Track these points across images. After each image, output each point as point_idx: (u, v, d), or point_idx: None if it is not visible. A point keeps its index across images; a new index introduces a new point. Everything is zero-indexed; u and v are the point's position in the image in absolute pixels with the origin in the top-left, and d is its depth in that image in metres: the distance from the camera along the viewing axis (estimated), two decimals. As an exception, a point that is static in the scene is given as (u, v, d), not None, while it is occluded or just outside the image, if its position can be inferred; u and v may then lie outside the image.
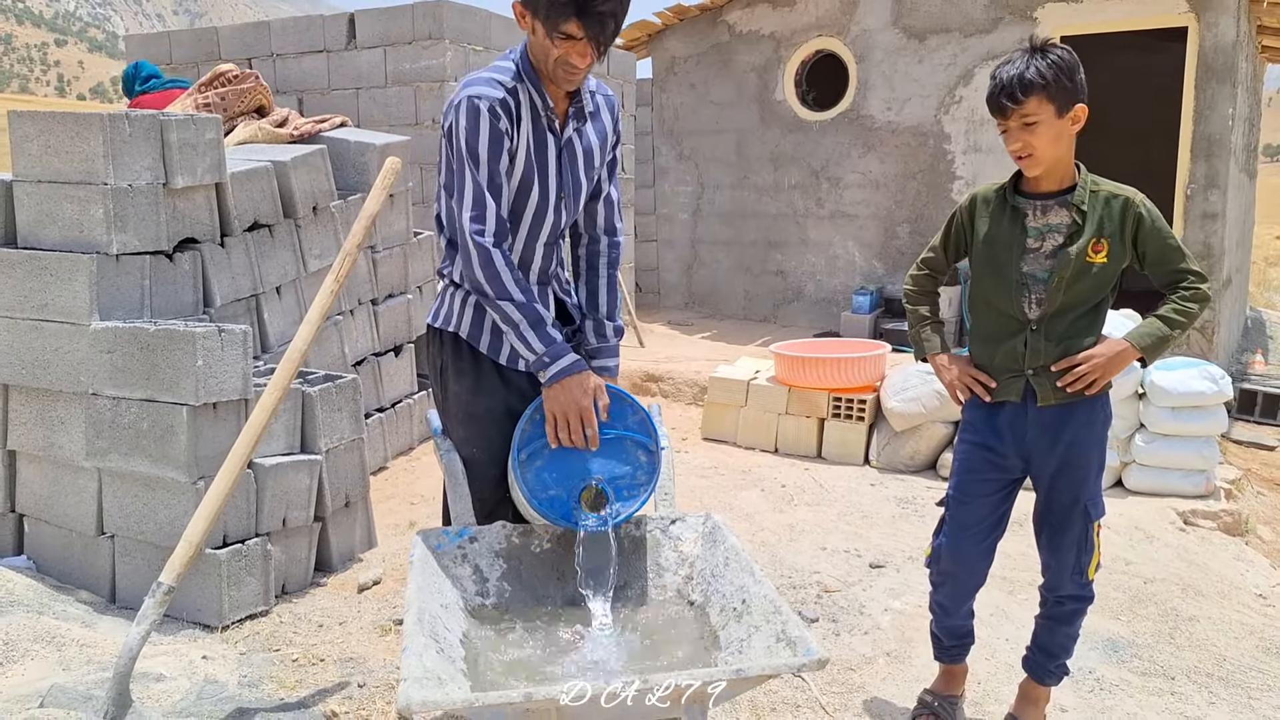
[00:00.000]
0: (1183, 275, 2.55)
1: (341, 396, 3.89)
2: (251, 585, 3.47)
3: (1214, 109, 7.72)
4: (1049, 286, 2.55)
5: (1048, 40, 2.52)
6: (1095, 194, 2.55)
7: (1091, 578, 2.70)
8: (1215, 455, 4.92)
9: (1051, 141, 2.47)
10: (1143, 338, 2.55)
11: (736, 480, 5.06)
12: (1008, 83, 2.45)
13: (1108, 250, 2.52)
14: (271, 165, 4.22)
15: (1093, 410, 2.62)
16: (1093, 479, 2.65)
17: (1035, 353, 2.60)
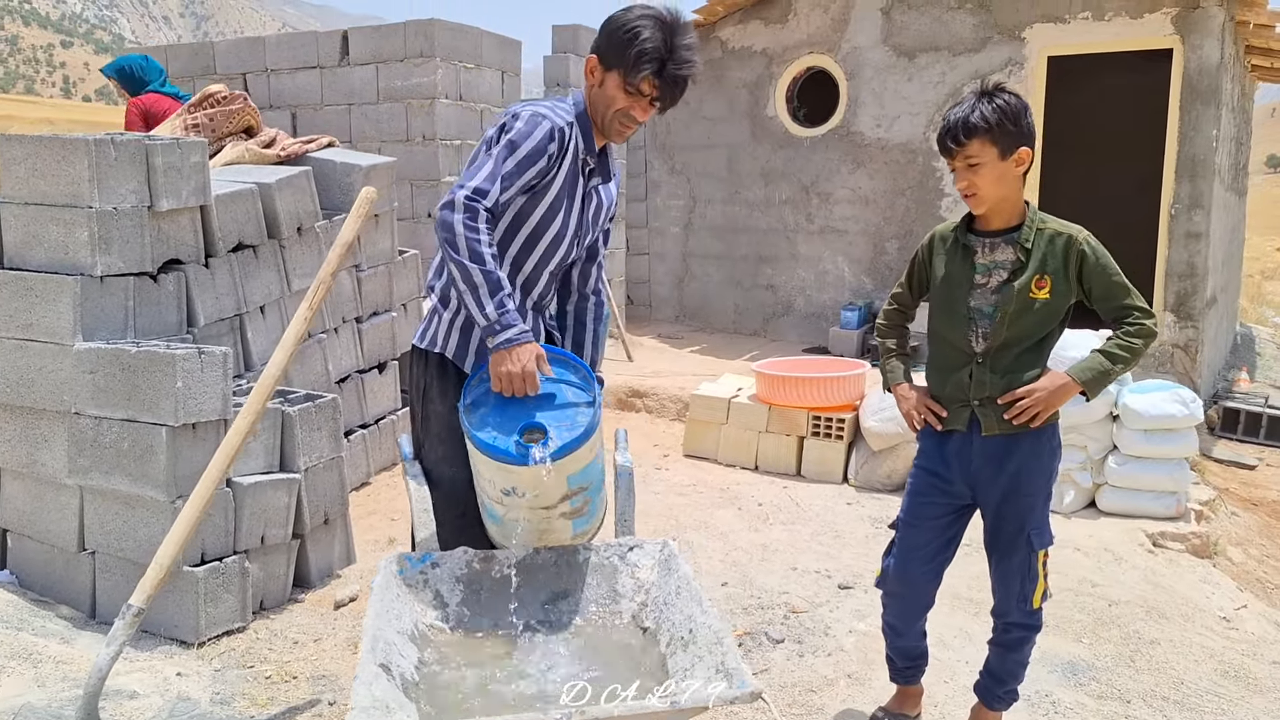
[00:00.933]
0: (1128, 311, 2.61)
1: (321, 416, 3.96)
2: (228, 602, 3.55)
3: (1198, 130, 7.80)
4: (994, 321, 2.64)
5: (998, 85, 2.61)
6: (1041, 232, 2.63)
7: (1037, 606, 2.77)
8: (1186, 477, 4.99)
9: (994, 182, 2.57)
10: (1084, 371, 2.62)
11: (714, 498, 5.14)
12: (953, 125, 2.56)
13: (1050, 286, 2.60)
14: (256, 187, 4.30)
15: (1038, 441, 2.70)
16: (1038, 509, 2.73)
17: (980, 384, 2.68)
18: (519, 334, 2.43)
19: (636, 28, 2.48)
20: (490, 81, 7.37)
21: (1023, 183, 2.65)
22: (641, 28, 2.48)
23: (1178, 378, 7.83)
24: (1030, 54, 8.40)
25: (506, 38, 7.50)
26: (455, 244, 2.40)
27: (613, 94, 2.53)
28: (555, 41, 8.54)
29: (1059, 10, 8.25)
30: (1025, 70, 8.43)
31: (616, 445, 3.00)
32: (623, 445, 3.00)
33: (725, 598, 3.92)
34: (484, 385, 2.53)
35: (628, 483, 2.83)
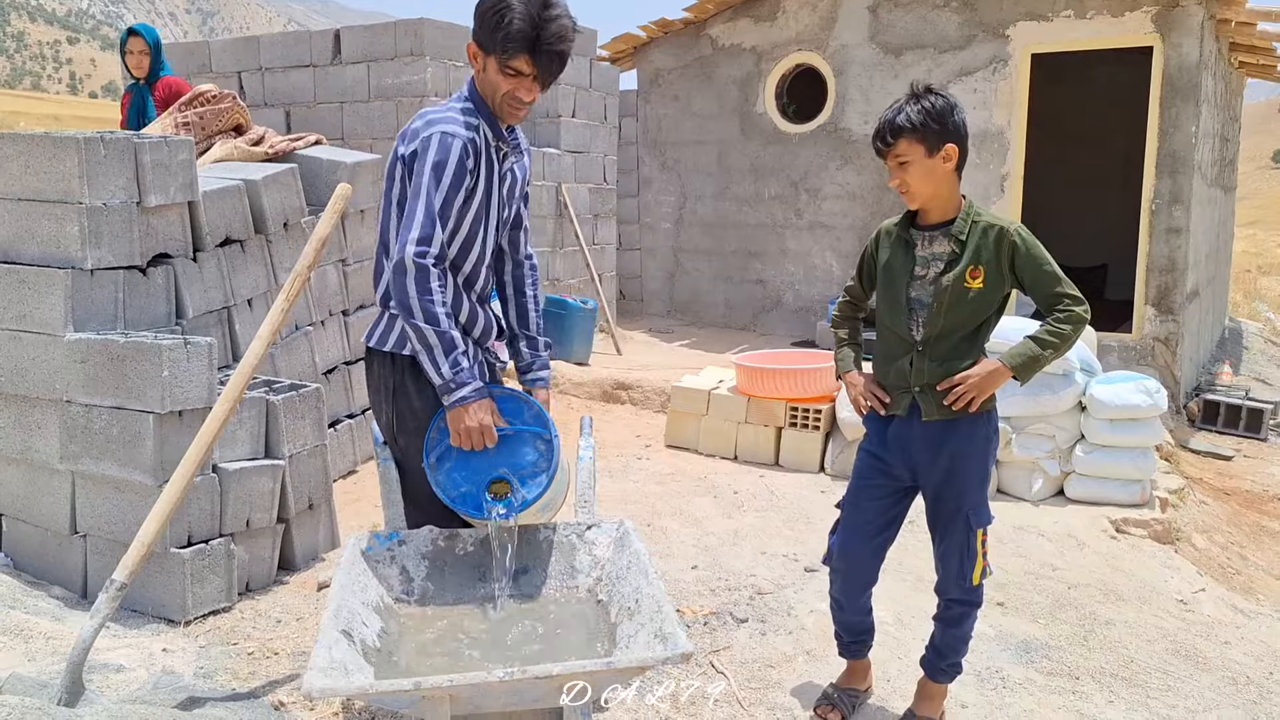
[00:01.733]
0: (1058, 299, 2.74)
1: (305, 405, 4.10)
2: (214, 583, 3.69)
3: (1178, 127, 7.91)
4: (931, 311, 2.78)
5: (927, 86, 2.74)
6: (975, 225, 2.76)
7: (977, 583, 2.90)
8: (1151, 465, 5.11)
9: (923, 178, 2.71)
10: (1014, 357, 2.76)
11: (692, 487, 5.27)
12: (881, 127, 2.73)
13: (984, 276, 2.73)
14: (243, 183, 4.44)
15: (974, 426, 2.84)
16: (974, 490, 2.87)
17: (920, 372, 2.83)
18: (472, 392, 2.55)
19: (502, 9, 2.48)
20: (480, 79, 7.50)
21: (956, 178, 2.78)
22: (506, 9, 2.48)
23: (1158, 370, 7.96)
24: (1014, 51, 8.52)
25: (496, 36, 7.63)
26: (410, 308, 2.50)
27: (495, 79, 2.56)
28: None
29: (1042, 8, 8.37)
30: (1009, 67, 8.55)
31: (581, 431, 3.15)
32: (587, 431, 3.15)
33: (695, 580, 4.06)
34: (444, 439, 2.66)
35: (589, 467, 2.97)
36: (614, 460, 5.65)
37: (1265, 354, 11.43)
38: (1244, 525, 5.79)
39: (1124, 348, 8.21)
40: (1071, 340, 2.74)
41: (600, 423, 6.49)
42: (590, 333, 7.78)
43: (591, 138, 9.02)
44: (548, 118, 8.62)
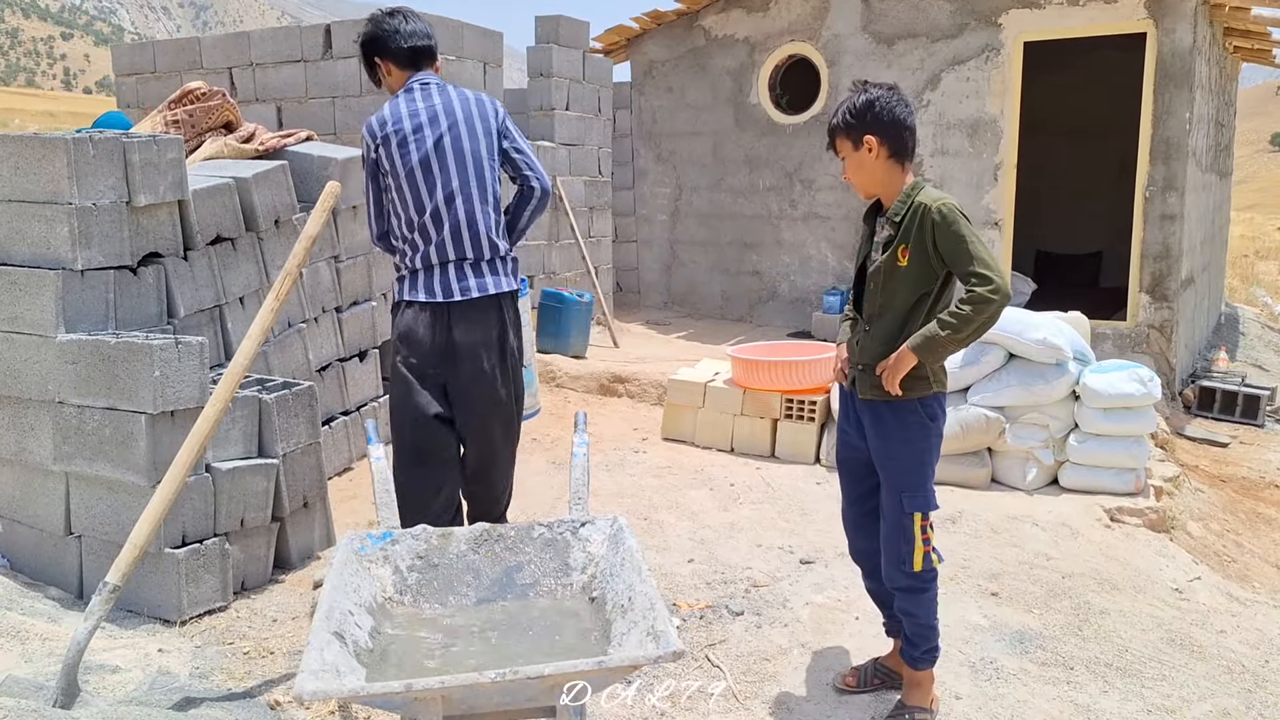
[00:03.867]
0: (967, 278, 2.76)
1: (298, 403, 4.10)
2: (209, 582, 3.70)
3: (1172, 113, 7.90)
4: (869, 290, 2.95)
5: (865, 82, 2.90)
6: (912, 207, 2.83)
7: (918, 569, 2.97)
8: (1145, 454, 5.12)
9: (855, 170, 2.90)
10: (915, 339, 2.83)
11: (688, 479, 5.28)
12: (827, 130, 2.95)
13: (911, 255, 2.81)
14: (234, 181, 4.43)
15: (902, 410, 2.93)
16: (908, 473, 2.95)
17: (863, 349, 2.98)
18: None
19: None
20: (472, 73, 7.48)
21: (893, 166, 2.86)
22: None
23: (1153, 358, 7.97)
24: (1006, 39, 8.50)
25: (487, 29, 7.62)
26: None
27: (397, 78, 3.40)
28: (539, 32, 8.65)
29: (1035, -4, 8.35)
30: (1002, 55, 8.53)
31: (576, 427, 3.15)
32: (581, 427, 3.14)
33: (691, 573, 4.07)
34: None
35: (583, 464, 2.97)
36: (610, 454, 5.65)
37: (1262, 339, 11.44)
38: (1240, 512, 5.80)
39: (1119, 335, 8.21)
40: (973, 321, 2.74)
41: (596, 416, 6.49)
42: (587, 326, 7.78)
43: (586, 130, 8.99)
44: (541, 110, 8.60)
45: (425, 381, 3.32)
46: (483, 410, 3.36)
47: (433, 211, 3.27)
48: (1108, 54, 10.91)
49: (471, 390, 3.33)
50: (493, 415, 3.39)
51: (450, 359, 3.30)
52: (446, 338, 3.28)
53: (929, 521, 3.02)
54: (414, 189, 3.28)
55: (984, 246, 2.77)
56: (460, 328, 3.29)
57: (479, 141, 3.35)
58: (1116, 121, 10.94)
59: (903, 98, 2.88)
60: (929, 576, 3.01)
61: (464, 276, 3.31)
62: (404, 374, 3.33)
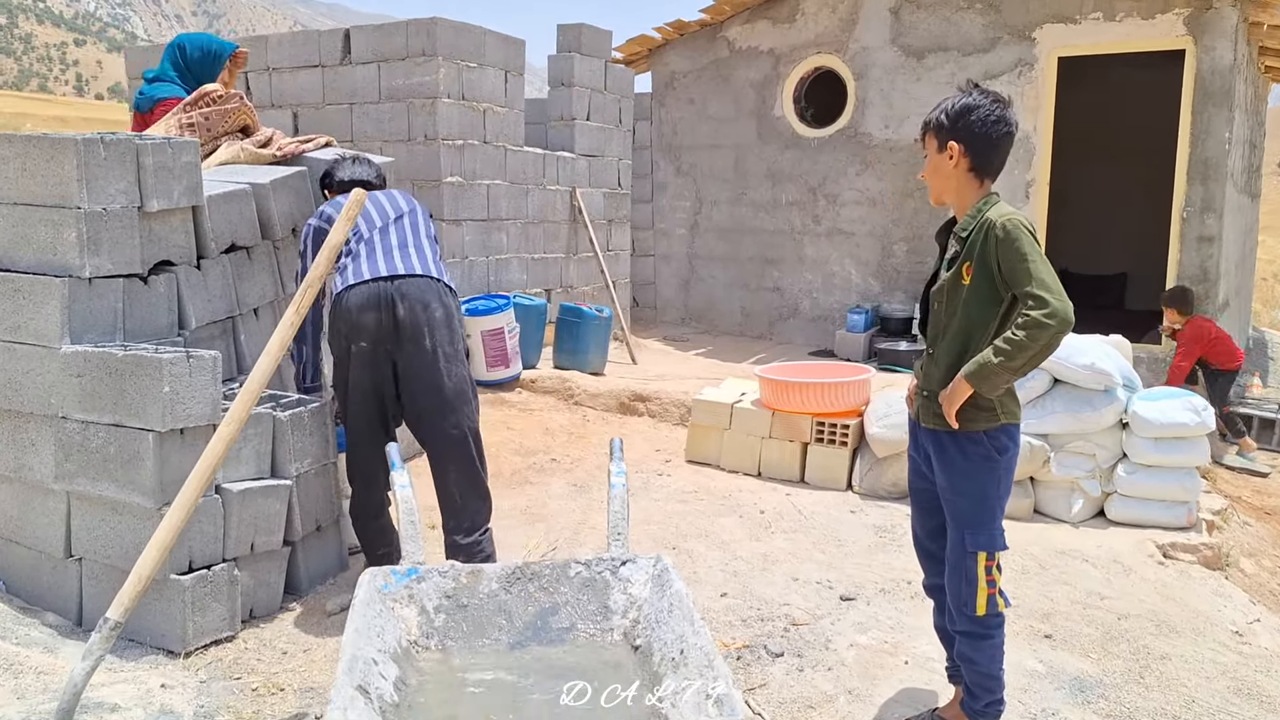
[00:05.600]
0: (1024, 299, 2.55)
1: (314, 420, 3.89)
2: (217, 611, 3.48)
3: (1210, 133, 7.69)
4: (933, 311, 2.80)
5: (975, 84, 2.75)
6: (980, 223, 2.65)
7: (982, 613, 2.76)
8: (1197, 486, 4.89)
9: (933, 172, 2.74)
10: (968, 366, 2.63)
11: (716, 506, 5.05)
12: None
13: (974, 273, 2.64)
14: (250, 187, 4.23)
15: (966, 442, 2.74)
16: (973, 510, 2.76)
17: (928, 376, 2.82)
18: None
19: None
20: (493, 81, 7.30)
21: (971, 179, 2.69)
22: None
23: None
24: (1040, 54, 8.30)
25: (509, 37, 7.44)
26: None
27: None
28: (560, 40, 8.47)
29: (1069, 10, 8.15)
30: (1035, 71, 8.33)
31: (612, 455, 2.93)
32: (617, 455, 2.92)
33: (725, 609, 3.84)
34: None
35: (621, 496, 2.75)
36: (633, 477, 5.43)
37: (1291, 365, 11.18)
38: (1289, 548, 5.56)
39: (1152, 359, 7.98)
40: (1027, 348, 2.50)
41: (618, 435, 6.26)
42: (606, 342, 7.57)
43: (606, 141, 8.81)
44: (561, 120, 8.42)
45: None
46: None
47: (381, 229, 3.63)
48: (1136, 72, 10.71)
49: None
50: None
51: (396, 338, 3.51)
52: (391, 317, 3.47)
53: (995, 562, 2.80)
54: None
55: (1047, 266, 2.55)
56: (404, 305, 3.47)
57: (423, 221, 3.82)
58: (1145, 141, 10.73)
59: (1006, 114, 2.67)
60: (994, 622, 2.79)
61: (407, 257, 3.57)
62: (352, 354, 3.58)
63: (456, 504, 3.65)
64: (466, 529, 3.63)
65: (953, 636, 2.94)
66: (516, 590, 2.50)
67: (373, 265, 3.49)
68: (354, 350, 3.50)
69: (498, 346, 6.70)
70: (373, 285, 3.45)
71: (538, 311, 7.23)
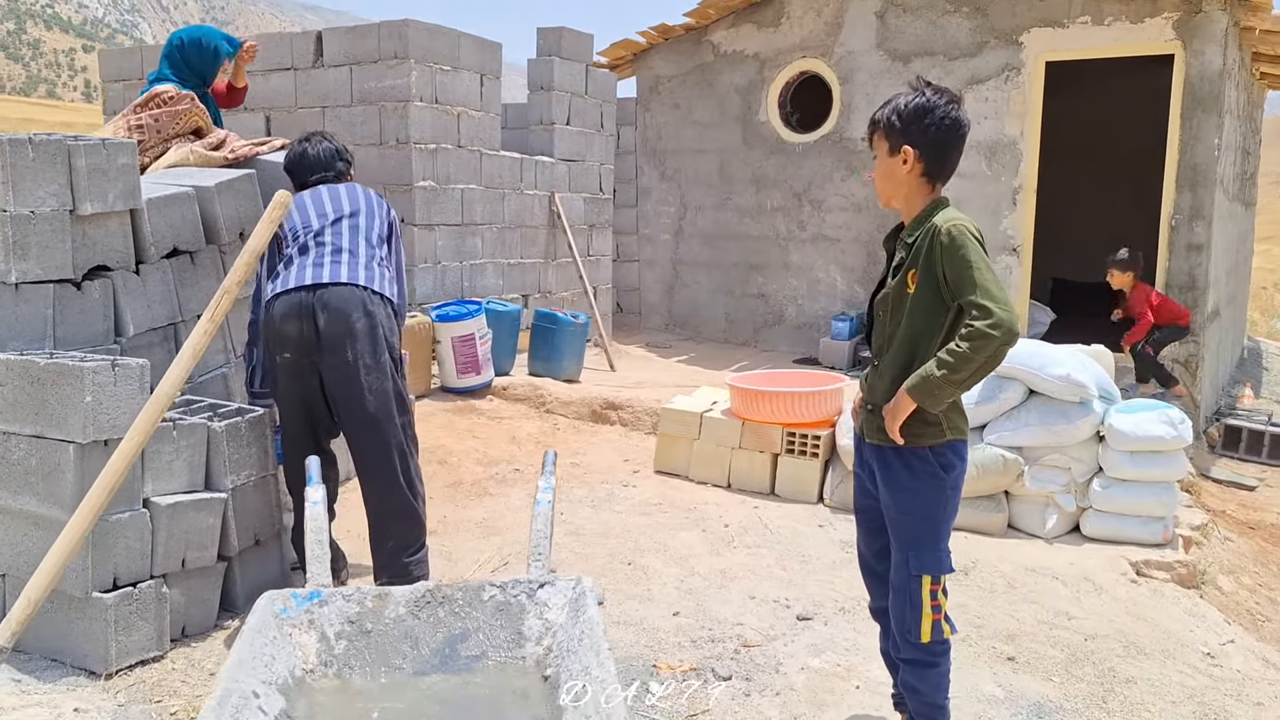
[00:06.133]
0: (968, 309, 2.43)
1: (251, 431, 3.76)
2: (143, 630, 3.35)
3: (1199, 139, 7.55)
4: (878, 319, 2.69)
5: (927, 82, 2.58)
6: (926, 228, 2.53)
7: (927, 640, 2.62)
8: (1174, 502, 4.74)
9: (884, 176, 2.61)
10: (911, 380, 2.52)
11: (680, 519, 4.92)
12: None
13: (919, 280, 2.52)
14: (194, 190, 4.12)
15: (911, 458, 2.61)
16: (916, 529, 2.63)
17: (872, 389, 2.70)
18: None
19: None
20: (468, 84, 7.19)
21: (923, 184, 2.57)
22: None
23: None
24: (1028, 59, 8.17)
25: (485, 39, 7.33)
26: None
27: None
28: (540, 44, 8.36)
29: (1057, 14, 8.03)
30: (1022, 75, 8.20)
31: (543, 469, 2.80)
32: (548, 470, 2.79)
33: (676, 629, 3.70)
34: None
35: (545, 513, 2.61)
36: (598, 487, 5.30)
37: (1286, 375, 11.03)
38: (1272, 564, 5.41)
39: (1141, 369, 7.82)
40: (970, 361, 2.39)
41: (587, 445, 6.15)
42: (581, 349, 7.44)
43: (587, 145, 8.69)
44: (541, 124, 8.30)
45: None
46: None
47: (316, 233, 3.51)
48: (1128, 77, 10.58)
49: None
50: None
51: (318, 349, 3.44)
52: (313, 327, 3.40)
53: (940, 586, 2.67)
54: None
55: (992, 275, 2.43)
56: (325, 315, 3.39)
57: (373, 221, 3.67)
58: (1136, 146, 10.59)
59: (961, 115, 2.54)
60: (939, 650, 2.66)
61: (337, 263, 3.45)
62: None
63: (378, 523, 3.53)
64: (390, 550, 3.51)
65: (886, 654, 2.84)
66: (426, 615, 2.36)
67: (300, 273, 3.38)
68: (279, 360, 3.43)
69: (468, 353, 6.58)
70: (295, 295, 3.36)
71: (511, 317, 7.10)
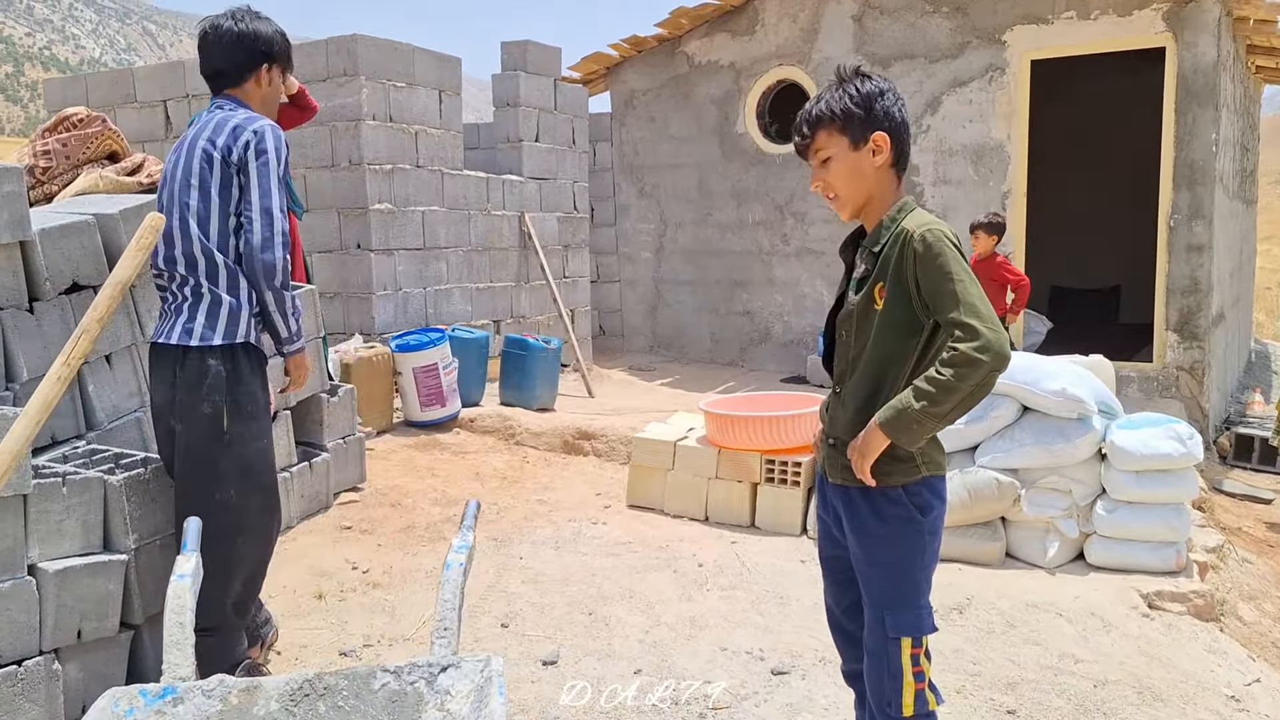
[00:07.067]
0: (950, 327, 2.08)
1: (157, 483, 3.38)
2: (31, 713, 2.96)
3: (1196, 134, 7.20)
4: (840, 341, 2.31)
5: (856, 69, 2.23)
6: (895, 234, 2.19)
7: (908, 713, 2.26)
8: (1186, 525, 4.35)
9: (849, 177, 2.24)
10: (884, 412, 2.15)
11: (650, 559, 4.52)
12: (798, 119, 2.24)
13: (888, 295, 2.17)
14: (94, 219, 3.75)
15: (880, 500, 2.25)
16: (889, 584, 2.26)
17: (834, 420, 2.33)
18: (306, 341, 3.14)
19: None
20: (425, 101, 6.85)
21: (893, 177, 2.25)
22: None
23: (1183, 403, 7.21)
24: (1012, 58, 7.84)
25: (443, 55, 7.00)
26: (283, 280, 2.99)
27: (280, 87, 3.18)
28: (505, 59, 8.03)
29: (1041, 10, 7.70)
30: (1007, 75, 7.87)
31: (462, 521, 2.43)
32: (467, 523, 2.42)
33: (636, 691, 3.30)
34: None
35: (456, 579, 2.23)
36: (564, 527, 4.91)
37: (1295, 378, 10.63)
38: (1295, 587, 5.01)
39: (1144, 378, 7.46)
40: (955, 390, 2.04)
41: (557, 479, 5.76)
42: (555, 375, 7.07)
43: (558, 163, 8.35)
44: (508, 142, 7.96)
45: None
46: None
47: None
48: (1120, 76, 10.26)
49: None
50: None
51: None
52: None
53: (923, 649, 2.29)
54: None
55: (976, 289, 2.08)
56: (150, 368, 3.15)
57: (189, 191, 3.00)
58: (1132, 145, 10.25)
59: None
60: None
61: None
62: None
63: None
64: (196, 626, 3.06)
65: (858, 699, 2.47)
66: (303, 711, 1.98)
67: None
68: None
69: (431, 384, 6.21)
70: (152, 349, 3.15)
71: (478, 345, 6.74)
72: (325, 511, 4.80)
